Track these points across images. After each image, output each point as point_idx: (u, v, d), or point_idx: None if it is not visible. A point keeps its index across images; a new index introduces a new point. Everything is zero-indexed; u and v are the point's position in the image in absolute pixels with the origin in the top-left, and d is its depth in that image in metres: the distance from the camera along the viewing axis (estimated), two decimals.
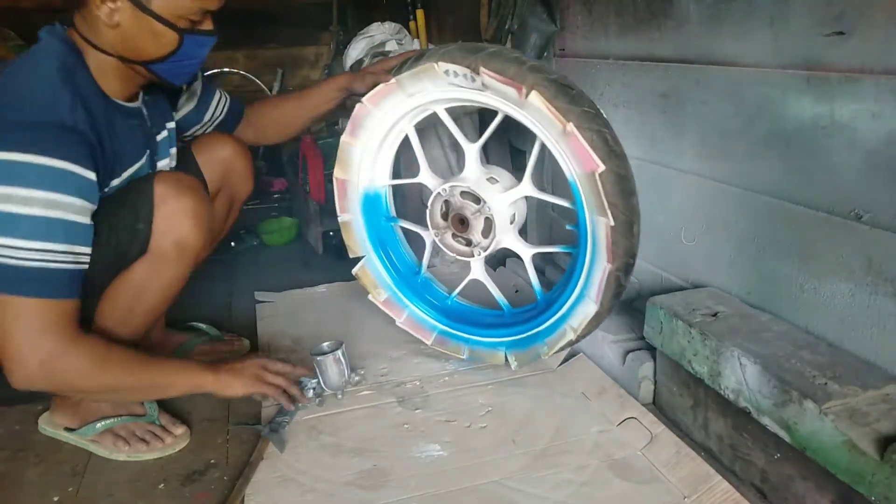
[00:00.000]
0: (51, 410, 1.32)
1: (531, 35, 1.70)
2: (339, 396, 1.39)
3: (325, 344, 1.41)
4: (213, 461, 1.24)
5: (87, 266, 1.06)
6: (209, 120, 1.46)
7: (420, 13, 2.44)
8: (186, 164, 1.38)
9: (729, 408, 1.12)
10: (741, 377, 1.04)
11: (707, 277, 1.33)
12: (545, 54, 1.74)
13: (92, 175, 1.04)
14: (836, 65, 0.99)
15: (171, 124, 1.35)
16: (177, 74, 1.19)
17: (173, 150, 1.35)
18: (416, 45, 2.33)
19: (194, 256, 1.21)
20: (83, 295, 1.07)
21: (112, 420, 1.27)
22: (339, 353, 1.37)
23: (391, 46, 2.24)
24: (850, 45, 0.97)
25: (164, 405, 1.36)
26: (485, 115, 1.93)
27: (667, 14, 1.33)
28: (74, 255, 1.03)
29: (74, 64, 1.09)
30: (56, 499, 1.16)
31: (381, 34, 2.27)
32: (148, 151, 1.26)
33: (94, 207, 1.06)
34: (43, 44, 1.10)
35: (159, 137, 1.31)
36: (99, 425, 1.27)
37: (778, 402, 0.98)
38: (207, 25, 1.14)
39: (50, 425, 1.32)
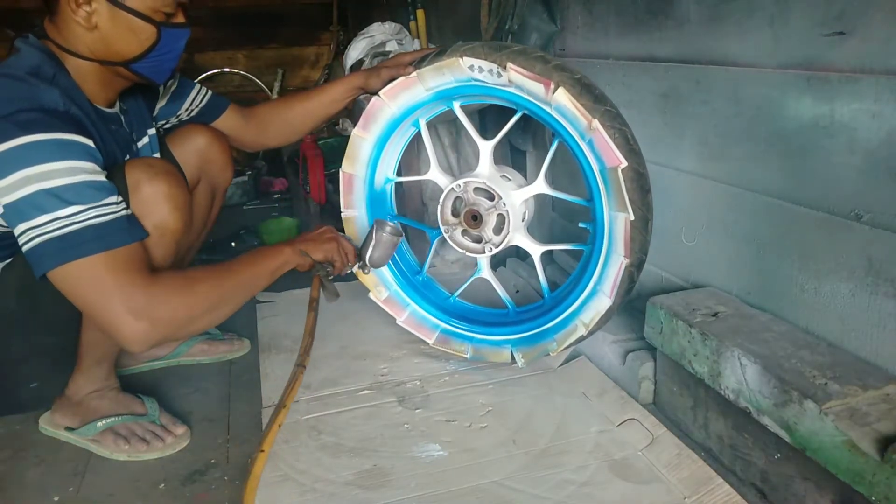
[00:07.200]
0: (51, 410, 1.33)
1: (531, 35, 1.70)
2: (366, 272, 1.46)
3: (389, 225, 1.42)
4: (213, 461, 1.25)
5: (129, 210, 1.06)
6: (185, 110, 1.45)
7: (420, 13, 2.44)
8: (165, 159, 1.37)
9: (729, 408, 1.12)
10: (741, 377, 1.04)
11: (707, 277, 1.34)
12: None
13: (90, 142, 1.03)
14: (836, 65, 0.99)
15: (152, 130, 1.35)
16: (157, 71, 1.19)
17: (157, 156, 1.34)
18: (416, 45, 2.33)
19: (175, 240, 1.19)
20: None
21: (112, 419, 1.28)
22: (401, 239, 1.45)
23: (391, 46, 2.24)
24: (850, 45, 0.97)
25: (165, 405, 1.36)
26: (485, 116, 1.92)
27: (667, 14, 1.33)
28: (114, 206, 1.03)
29: (55, 70, 1.09)
30: (56, 499, 1.16)
31: (381, 34, 2.27)
32: (128, 157, 1.25)
33: (104, 171, 1.06)
34: (20, 54, 1.09)
35: (140, 144, 1.31)
36: (99, 424, 1.27)
37: (778, 402, 0.98)
38: (181, 18, 1.16)
39: (50, 425, 1.32)
